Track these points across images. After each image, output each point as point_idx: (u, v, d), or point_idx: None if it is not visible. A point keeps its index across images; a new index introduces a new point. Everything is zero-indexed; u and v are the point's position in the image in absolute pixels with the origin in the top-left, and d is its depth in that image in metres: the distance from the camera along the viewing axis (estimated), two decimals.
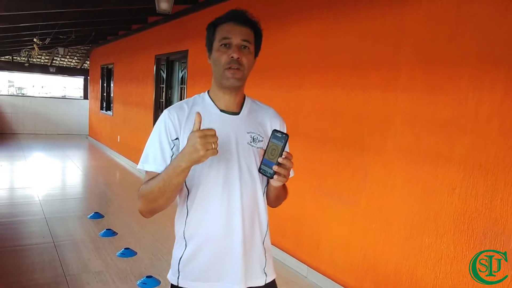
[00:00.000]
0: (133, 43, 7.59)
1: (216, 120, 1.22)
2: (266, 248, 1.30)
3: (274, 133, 1.10)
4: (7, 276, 2.97)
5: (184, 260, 1.24)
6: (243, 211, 1.21)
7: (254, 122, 1.28)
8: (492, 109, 2.03)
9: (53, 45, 8.85)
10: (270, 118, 1.33)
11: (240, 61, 1.18)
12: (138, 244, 3.70)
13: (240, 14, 1.23)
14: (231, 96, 1.25)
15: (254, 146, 1.24)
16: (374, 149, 2.69)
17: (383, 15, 2.64)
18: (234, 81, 1.19)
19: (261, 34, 1.27)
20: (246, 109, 1.29)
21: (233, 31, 1.19)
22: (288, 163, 1.09)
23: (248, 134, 1.24)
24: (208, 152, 1.01)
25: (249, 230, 1.23)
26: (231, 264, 1.21)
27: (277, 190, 1.25)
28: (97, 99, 10.34)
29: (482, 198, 2.07)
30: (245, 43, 1.19)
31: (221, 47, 1.19)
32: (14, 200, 5.18)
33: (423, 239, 2.36)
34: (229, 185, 1.20)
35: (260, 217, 1.27)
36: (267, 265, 1.30)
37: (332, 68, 3.04)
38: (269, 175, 1.10)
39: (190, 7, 5.10)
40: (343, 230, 2.95)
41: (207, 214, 1.20)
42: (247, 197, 1.22)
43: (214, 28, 1.23)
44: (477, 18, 2.11)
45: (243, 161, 1.21)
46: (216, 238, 1.20)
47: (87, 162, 8.50)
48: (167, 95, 6.27)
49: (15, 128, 11.36)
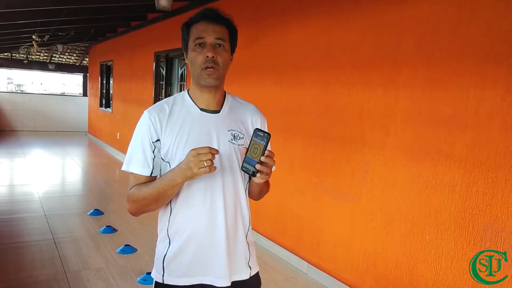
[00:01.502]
0: (132, 40, 7.57)
1: (196, 119, 1.24)
2: (249, 242, 1.33)
3: (256, 132, 1.12)
4: (7, 273, 2.97)
5: (169, 257, 1.26)
6: (226, 208, 1.23)
7: (235, 120, 1.29)
8: (494, 106, 2.03)
9: (52, 42, 8.83)
10: (251, 115, 1.33)
11: (216, 60, 1.19)
12: (138, 241, 3.70)
13: (212, 12, 1.23)
14: (210, 94, 1.26)
15: (235, 143, 1.25)
16: (375, 147, 2.69)
17: (384, 12, 2.63)
18: (212, 80, 1.20)
19: (235, 31, 1.27)
20: (227, 107, 1.30)
21: (207, 30, 1.19)
22: (270, 162, 1.11)
23: (229, 132, 1.25)
24: (200, 170, 1.05)
25: (232, 226, 1.25)
26: (215, 260, 1.23)
27: (259, 186, 1.28)
28: (97, 96, 10.32)
29: (482, 195, 2.08)
30: (220, 41, 1.20)
31: (196, 47, 1.20)
32: (13, 197, 5.18)
33: (423, 236, 2.36)
34: (211, 183, 1.21)
35: (243, 213, 1.30)
36: (251, 258, 1.33)
37: (333, 65, 3.03)
38: (252, 173, 1.12)
39: (190, 4, 5.08)
40: (343, 227, 2.95)
41: (190, 212, 1.22)
42: (230, 194, 1.24)
43: (188, 28, 1.24)
44: (479, 15, 2.11)
45: (225, 159, 1.23)
46: (200, 235, 1.22)
47: (86, 159, 8.50)
48: (167, 92, 6.25)
49: (14, 125, 11.34)
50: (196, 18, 1.23)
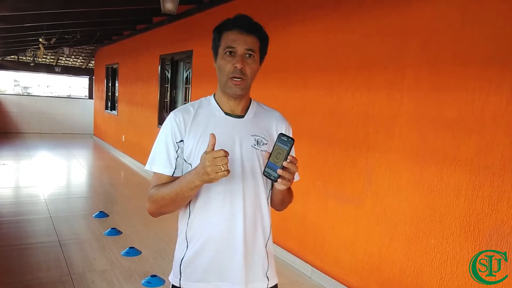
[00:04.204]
0: (138, 43, 7.61)
1: (220, 123, 1.24)
2: (268, 252, 1.31)
3: (280, 137, 1.11)
4: (12, 275, 2.99)
5: (186, 261, 1.25)
6: (245, 213, 1.21)
7: (259, 125, 1.28)
8: (499, 109, 2.02)
9: (58, 45, 8.89)
10: (276, 121, 1.33)
11: (244, 71, 1.19)
12: (142, 243, 3.71)
13: (245, 22, 1.22)
14: (236, 101, 1.26)
15: (258, 148, 1.24)
16: (379, 150, 2.68)
17: (388, 15, 2.63)
18: (237, 90, 1.21)
19: (266, 39, 1.27)
20: (252, 112, 1.30)
21: (238, 40, 1.19)
22: (293, 167, 1.09)
23: (252, 137, 1.25)
24: (218, 175, 1.04)
25: (250, 232, 1.23)
26: (232, 265, 1.22)
27: (281, 193, 1.25)
28: (102, 99, 10.38)
29: (488, 199, 2.06)
30: (250, 52, 1.20)
31: (225, 55, 1.20)
32: (19, 199, 5.21)
33: (428, 240, 2.34)
34: (231, 186, 1.20)
35: (263, 220, 1.28)
36: (269, 269, 1.30)
37: (337, 68, 3.03)
38: (273, 179, 1.10)
39: (195, 8, 5.11)
40: (348, 231, 2.94)
41: (209, 215, 1.21)
42: (250, 200, 1.23)
43: (219, 35, 1.24)
44: (483, 18, 2.10)
45: (247, 163, 1.22)
46: (218, 239, 1.21)
47: (92, 161, 8.54)
48: (172, 95, 6.28)
49: (21, 127, 11.43)
50: (229, 25, 1.22)
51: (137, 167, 7.36)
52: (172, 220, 4.50)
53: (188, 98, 5.59)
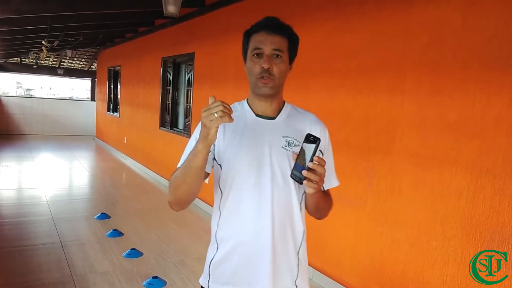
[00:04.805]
0: (140, 45, 7.64)
1: (250, 124, 1.23)
2: (300, 260, 1.27)
3: (307, 137, 1.06)
4: (14, 276, 3.00)
5: (215, 262, 1.23)
6: (273, 216, 1.18)
7: (291, 127, 1.26)
8: (500, 112, 2.02)
9: (61, 47, 8.94)
10: (310, 124, 1.30)
11: (271, 71, 1.18)
12: (144, 245, 3.71)
13: (272, 22, 1.23)
14: (267, 102, 1.25)
15: (289, 150, 1.20)
16: (381, 152, 2.68)
17: (389, 17, 2.64)
18: (266, 89, 1.20)
19: (296, 39, 1.26)
20: (284, 114, 1.28)
21: (265, 41, 1.19)
22: (319, 169, 1.03)
23: (284, 138, 1.22)
24: (212, 122, 0.98)
25: (280, 237, 1.19)
26: (260, 270, 1.18)
27: (313, 198, 1.20)
28: (104, 101, 10.42)
29: (490, 202, 2.06)
30: (277, 52, 1.19)
31: (253, 57, 1.21)
32: (21, 200, 5.23)
33: (430, 242, 2.34)
34: (260, 188, 1.18)
35: (294, 225, 1.23)
36: (299, 277, 1.26)
37: (338, 71, 3.03)
38: (300, 181, 1.04)
39: (197, 10, 5.13)
40: (349, 233, 2.94)
41: (237, 217, 1.19)
42: (279, 203, 1.19)
43: (248, 37, 1.25)
44: (484, 20, 2.11)
45: (276, 164, 1.19)
46: (246, 242, 1.19)
47: (94, 163, 8.56)
48: (174, 97, 6.30)
49: (23, 129, 11.47)
50: (257, 27, 1.23)
51: (138, 169, 7.37)
52: (173, 222, 4.49)
53: (189, 100, 5.61)
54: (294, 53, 1.26)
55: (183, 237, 4.06)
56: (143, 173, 7.06)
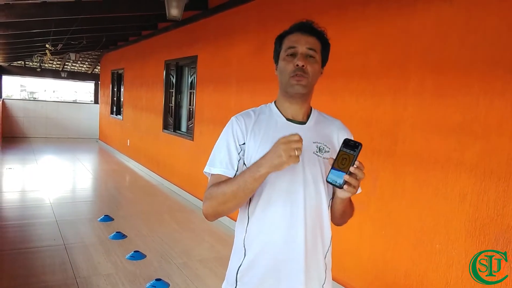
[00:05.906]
0: (143, 48, 7.68)
1: (281, 128, 1.21)
2: (327, 265, 1.28)
3: (346, 142, 1.08)
4: (18, 278, 3.01)
5: (243, 269, 1.21)
6: (306, 221, 1.17)
7: (320, 133, 1.26)
8: (503, 114, 2.02)
9: (64, 51, 8.99)
10: (337, 130, 1.31)
11: (305, 69, 1.18)
12: (147, 247, 3.72)
13: (307, 24, 1.24)
14: (298, 105, 1.24)
15: (320, 156, 1.21)
16: (384, 154, 2.68)
17: (392, 20, 2.64)
18: (299, 87, 1.19)
19: (328, 44, 1.27)
20: (313, 120, 1.28)
21: (299, 40, 1.20)
22: (360, 173, 1.05)
23: (314, 144, 1.22)
24: (290, 158, 1.00)
25: (311, 242, 1.20)
26: (291, 276, 1.17)
27: (343, 204, 1.21)
28: (107, 104, 10.46)
29: (494, 204, 2.05)
30: (311, 52, 1.20)
31: (287, 56, 1.21)
32: (25, 202, 5.25)
33: (433, 244, 2.33)
34: (292, 194, 1.17)
35: (324, 230, 1.24)
36: (326, 282, 1.27)
37: (341, 73, 3.04)
38: (339, 185, 1.05)
39: (200, 13, 5.15)
40: (352, 235, 2.93)
41: (267, 221, 1.18)
42: (311, 207, 1.19)
43: (280, 40, 1.26)
44: (487, 23, 2.11)
45: (308, 170, 1.18)
46: (277, 247, 1.17)
47: (97, 165, 8.59)
48: (177, 100, 6.32)
49: (27, 131, 11.54)
50: (291, 29, 1.24)
51: (141, 171, 7.39)
52: (176, 224, 4.50)
53: (192, 103, 5.62)
54: (326, 57, 1.27)
55: (186, 239, 4.06)
56: (146, 175, 7.07)
